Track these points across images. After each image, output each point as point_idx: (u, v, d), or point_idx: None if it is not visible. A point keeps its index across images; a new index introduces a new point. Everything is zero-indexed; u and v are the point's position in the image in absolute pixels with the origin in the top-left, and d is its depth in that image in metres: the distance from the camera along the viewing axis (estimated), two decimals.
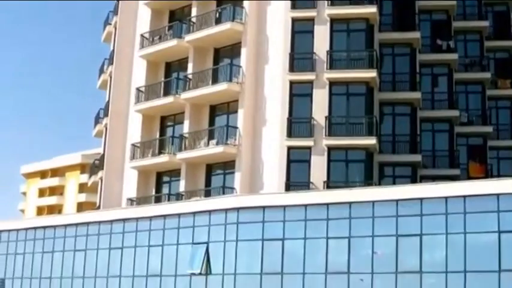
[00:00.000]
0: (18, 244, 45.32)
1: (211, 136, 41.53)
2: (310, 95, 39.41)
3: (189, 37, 42.85)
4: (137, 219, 38.61)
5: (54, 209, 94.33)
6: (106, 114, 48.46)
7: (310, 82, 39.42)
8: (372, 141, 38.25)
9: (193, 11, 43.77)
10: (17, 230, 45.90)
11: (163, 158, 43.07)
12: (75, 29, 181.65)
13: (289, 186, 38.07)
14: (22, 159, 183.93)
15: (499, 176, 44.99)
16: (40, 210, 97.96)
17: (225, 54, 43.44)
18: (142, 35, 46.09)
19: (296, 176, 38.69)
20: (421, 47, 43.89)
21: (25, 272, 44.13)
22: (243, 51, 41.15)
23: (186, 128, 42.78)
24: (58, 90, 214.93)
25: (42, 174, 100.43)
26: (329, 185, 37.62)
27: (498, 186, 28.87)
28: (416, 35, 42.73)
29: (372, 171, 39.16)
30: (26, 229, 45.45)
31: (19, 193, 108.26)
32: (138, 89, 45.47)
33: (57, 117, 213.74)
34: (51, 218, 51.39)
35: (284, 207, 32.86)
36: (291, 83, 39.62)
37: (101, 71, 51.69)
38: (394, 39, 42.78)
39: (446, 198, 29.24)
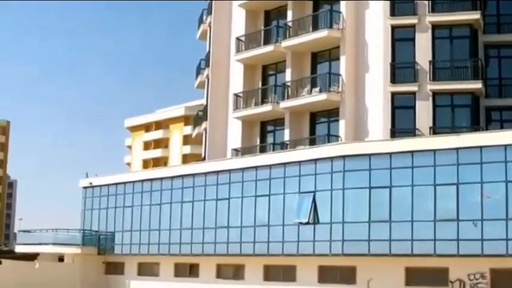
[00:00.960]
0: (126, 197, 47.45)
1: (313, 84, 42.03)
2: (413, 39, 39.21)
3: None
4: (243, 169, 39.77)
5: (160, 162, 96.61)
6: (207, 65, 49.45)
7: (413, 26, 39.17)
8: (477, 85, 37.96)
9: None
10: (124, 184, 47.99)
11: (266, 108, 43.95)
12: None
13: (394, 133, 38.29)
14: (127, 112, 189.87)
15: None
16: (146, 163, 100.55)
17: (325, 1, 43.64)
18: None
19: (401, 122, 38.87)
20: None
21: (134, 225, 46.23)
22: None
23: (288, 76, 43.41)
24: (160, 42, 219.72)
25: (147, 128, 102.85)
26: (435, 130, 37.63)
27: None
28: None
29: (478, 116, 38.92)
30: (133, 182, 47.45)
31: (124, 147, 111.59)
32: (238, 39, 46.24)
33: (159, 70, 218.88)
34: (158, 170, 52.97)
35: (390, 154, 33.33)
36: (393, 27, 39.47)
37: (200, 21, 52.53)
38: None
39: None
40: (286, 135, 42.91)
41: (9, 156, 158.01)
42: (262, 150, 44.63)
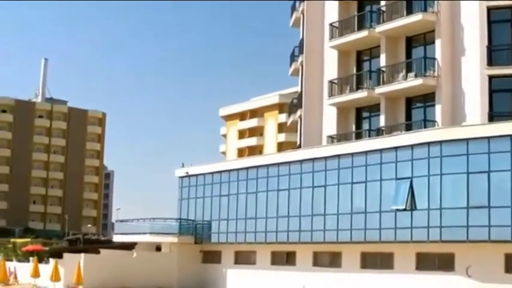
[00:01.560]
0: (222, 186, 48.54)
1: (409, 69, 42.11)
2: (510, 21, 38.86)
3: None
4: (339, 156, 40.26)
5: (255, 150, 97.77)
6: (301, 52, 50.00)
7: (509, 7, 38.71)
8: None
9: None
10: (220, 172, 49.09)
11: (361, 94, 44.23)
12: None
13: (492, 117, 37.94)
14: (221, 101, 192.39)
15: None
16: (241, 152, 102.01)
17: None
18: None
19: (499, 105, 38.46)
20: None
21: (230, 214, 47.31)
22: None
23: (382, 61, 43.57)
24: (252, 32, 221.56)
25: (241, 116, 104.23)
26: None
27: None
28: None
29: None
30: (229, 171, 48.54)
31: (219, 136, 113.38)
32: (331, 25, 46.59)
33: (253, 59, 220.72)
34: (253, 158, 53.86)
35: (488, 138, 33.24)
36: (489, 9, 39.02)
37: (293, 9, 53.07)
38: None
39: None
40: (382, 121, 43.16)
41: (106, 147, 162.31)
42: (358, 136, 44.99)
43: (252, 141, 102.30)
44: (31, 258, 51.57)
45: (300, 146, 48.63)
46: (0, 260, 49.01)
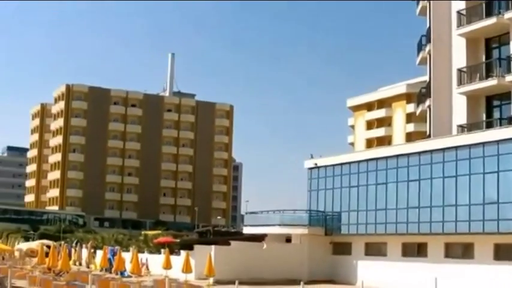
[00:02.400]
0: (351, 177, 49.11)
1: None
2: None
3: None
4: (469, 146, 40.21)
5: (383, 141, 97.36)
6: (428, 41, 49.81)
7: None
8: None
9: None
10: (349, 164, 49.65)
11: (491, 82, 43.88)
12: None
13: None
14: (348, 92, 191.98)
15: None
16: (369, 143, 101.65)
17: None
18: None
19: None
20: None
21: (360, 205, 47.91)
22: None
23: None
24: (378, 22, 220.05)
25: (369, 107, 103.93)
26: None
27: None
28: None
29: None
30: (358, 162, 49.02)
31: (347, 126, 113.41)
32: (458, 12, 46.34)
33: (380, 48, 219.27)
34: (382, 149, 53.78)
35: None
36: None
37: None
38: None
39: None
40: None
41: (234, 140, 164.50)
42: (489, 125, 44.61)
43: (380, 131, 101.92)
44: (162, 250, 53.32)
45: (429, 136, 48.53)
46: (132, 252, 50.86)
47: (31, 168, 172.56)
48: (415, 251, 44.43)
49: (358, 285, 45.04)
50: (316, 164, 52.07)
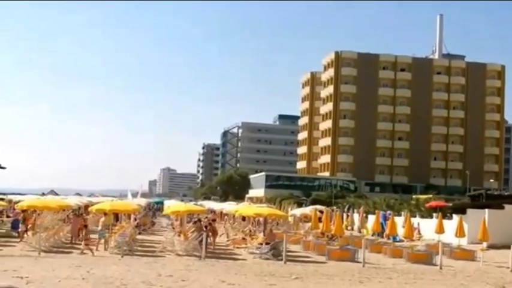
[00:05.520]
0: None
1: None
2: None
3: None
4: None
5: None
6: None
7: None
8: None
9: None
10: None
11: None
12: None
13: None
14: None
15: None
16: None
17: None
18: None
19: None
20: None
21: None
22: None
23: None
24: None
25: None
26: None
27: None
28: None
29: None
30: None
31: None
32: None
33: None
34: None
35: None
36: None
37: None
38: None
39: None
40: None
41: (506, 101, 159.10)
42: None
43: None
44: (434, 215, 52.87)
45: None
46: (405, 217, 50.89)
47: (302, 135, 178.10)
48: None
49: None
50: None
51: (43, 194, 77.18)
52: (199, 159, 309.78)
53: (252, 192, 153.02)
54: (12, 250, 32.77)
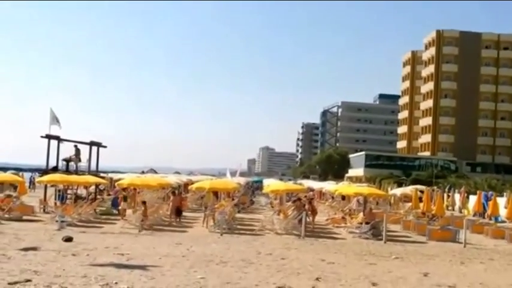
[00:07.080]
0: None
1: None
2: None
3: None
4: None
5: None
6: None
7: None
8: None
9: None
10: None
11: None
12: None
13: None
14: None
15: None
16: None
17: None
18: None
19: None
20: None
21: None
22: None
23: None
24: None
25: None
26: None
27: None
28: None
29: None
30: None
31: None
32: None
33: None
34: None
35: None
36: None
37: None
38: None
39: None
40: None
41: None
42: None
43: None
44: None
45: None
46: (508, 197, 49.53)
47: (403, 115, 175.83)
48: None
49: None
50: None
51: (142, 172, 78.36)
52: (298, 139, 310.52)
53: (351, 172, 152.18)
54: (112, 227, 33.39)
